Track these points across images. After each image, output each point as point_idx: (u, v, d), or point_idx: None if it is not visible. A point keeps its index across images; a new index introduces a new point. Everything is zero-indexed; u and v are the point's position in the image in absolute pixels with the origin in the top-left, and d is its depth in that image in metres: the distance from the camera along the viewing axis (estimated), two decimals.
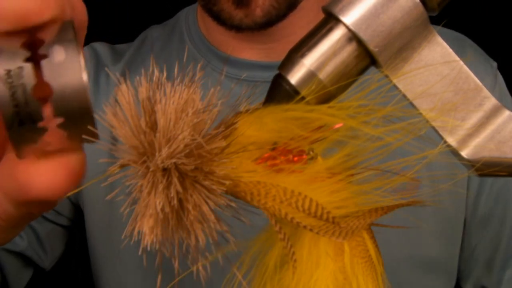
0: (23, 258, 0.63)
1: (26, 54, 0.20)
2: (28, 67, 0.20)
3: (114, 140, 0.24)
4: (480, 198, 0.61)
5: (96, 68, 0.63)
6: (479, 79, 0.28)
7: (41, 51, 0.20)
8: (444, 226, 0.59)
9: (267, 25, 0.52)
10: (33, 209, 0.24)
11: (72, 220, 0.66)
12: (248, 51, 0.58)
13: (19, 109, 0.20)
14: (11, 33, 0.19)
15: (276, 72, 0.27)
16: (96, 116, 0.22)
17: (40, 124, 0.20)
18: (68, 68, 0.20)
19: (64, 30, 0.20)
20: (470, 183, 0.60)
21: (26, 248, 0.61)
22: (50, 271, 0.67)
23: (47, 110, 0.20)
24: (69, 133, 0.21)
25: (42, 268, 0.65)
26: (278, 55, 0.57)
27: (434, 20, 0.27)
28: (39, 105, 0.20)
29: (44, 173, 0.21)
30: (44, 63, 0.20)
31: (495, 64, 0.63)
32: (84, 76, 0.20)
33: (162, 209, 0.23)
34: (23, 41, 0.20)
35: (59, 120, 0.20)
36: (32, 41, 0.20)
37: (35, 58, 0.20)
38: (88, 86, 0.20)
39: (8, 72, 0.20)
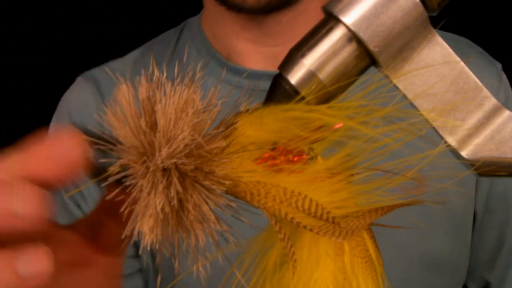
0: None
1: None
2: None
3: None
4: (491, 194, 0.61)
5: (100, 95, 0.62)
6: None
7: None
8: (454, 224, 0.59)
9: (268, 10, 0.52)
10: None
11: None
12: (253, 56, 0.58)
13: None
14: None
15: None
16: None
17: None
18: None
19: None
20: (479, 179, 0.60)
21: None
22: None
23: None
24: None
25: None
26: None
27: (435, 21, 0.27)
28: None
29: None
30: None
31: (499, 65, 0.62)
32: None
33: (162, 209, 0.23)
34: None
35: None
36: None
37: None
38: None
39: None
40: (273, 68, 0.58)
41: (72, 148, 0.22)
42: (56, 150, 0.22)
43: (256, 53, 0.58)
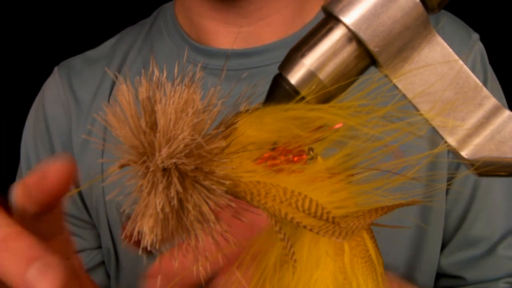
0: None
1: None
2: None
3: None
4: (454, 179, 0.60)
5: (69, 84, 0.63)
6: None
7: None
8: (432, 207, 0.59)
9: None
10: None
11: None
12: (225, 36, 0.57)
13: None
14: None
15: (254, 58, 0.27)
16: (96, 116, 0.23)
17: None
18: None
19: None
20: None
21: None
22: None
23: None
24: None
25: None
26: (255, 39, 0.55)
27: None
28: None
29: None
30: None
31: (476, 35, 0.61)
32: None
33: (162, 209, 0.23)
34: None
35: None
36: None
37: None
38: None
39: None
40: (247, 45, 0.59)
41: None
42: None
43: (229, 33, 0.56)
